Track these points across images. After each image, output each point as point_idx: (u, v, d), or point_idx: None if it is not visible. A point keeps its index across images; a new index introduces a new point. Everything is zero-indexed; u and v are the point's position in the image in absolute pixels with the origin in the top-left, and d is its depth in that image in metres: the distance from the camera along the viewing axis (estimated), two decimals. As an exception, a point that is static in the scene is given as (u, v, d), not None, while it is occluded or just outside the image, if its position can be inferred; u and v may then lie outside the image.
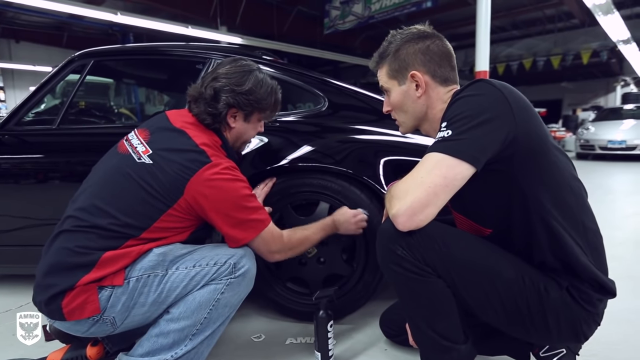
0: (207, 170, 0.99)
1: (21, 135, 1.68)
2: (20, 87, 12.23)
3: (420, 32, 0.98)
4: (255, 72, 1.14)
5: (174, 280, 0.96)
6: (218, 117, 1.10)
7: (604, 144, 7.89)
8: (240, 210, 1.02)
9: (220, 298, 0.97)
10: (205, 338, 0.99)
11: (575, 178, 0.92)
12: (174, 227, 1.02)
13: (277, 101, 1.19)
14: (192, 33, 7.85)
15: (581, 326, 0.88)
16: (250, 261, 1.02)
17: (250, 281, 1.03)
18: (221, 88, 1.09)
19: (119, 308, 0.94)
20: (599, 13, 7.44)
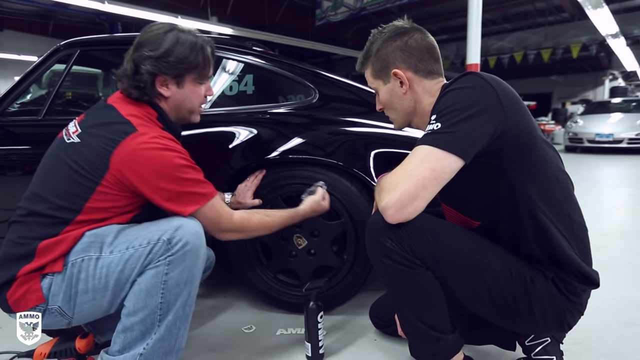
0: (132, 140, 0.93)
1: (5, 126, 1.65)
2: (5, 76, 11.94)
3: (398, 28, 0.98)
4: (172, 32, 1.04)
5: (109, 265, 0.91)
6: (144, 89, 1.02)
7: (591, 137, 8.00)
8: (173, 181, 0.95)
9: (166, 280, 0.91)
10: (173, 320, 0.94)
11: (562, 171, 0.93)
12: (110, 207, 0.96)
13: (205, 57, 1.07)
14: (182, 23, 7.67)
15: (565, 316, 0.90)
16: (187, 232, 0.93)
17: (195, 254, 0.94)
18: (139, 58, 1.01)
19: (62, 296, 0.92)
20: (588, 7, 7.49)
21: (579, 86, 18.02)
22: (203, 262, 0.98)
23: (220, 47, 1.61)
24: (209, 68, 1.11)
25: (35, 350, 1.06)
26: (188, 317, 0.97)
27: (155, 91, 1.04)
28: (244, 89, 1.60)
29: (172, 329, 0.94)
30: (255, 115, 1.50)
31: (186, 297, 0.95)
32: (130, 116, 0.98)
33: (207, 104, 1.62)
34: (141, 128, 0.96)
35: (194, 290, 0.97)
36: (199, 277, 0.97)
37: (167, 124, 1.07)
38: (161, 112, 1.07)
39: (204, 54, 1.07)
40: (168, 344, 0.94)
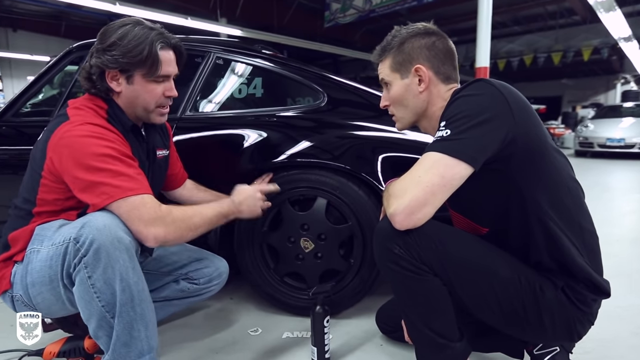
0: (61, 128, 0.94)
1: (19, 126, 1.67)
2: (18, 76, 12.13)
3: (426, 28, 0.99)
4: (126, 26, 1.00)
5: (42, 259, 0.92)
6: (94, 81, 1.01)
7: (602, 142, 7.89)
8: (87, 169, 0.89)
9: (93, 283, 0.86)
10: (128, 322, 0.88)
11: (572, 179, 0.92)
12: (55, 199, 0.98)
13: (152, 54, 1.00)
14: (192, 24, 7.79)
15: (575, 326, 0.89)
16: (93, 229, 0.85)
17: (107, 251, 0.85)
18: (92, 50, 1.01)
19: (20, 285, 0.96)
20: (600, 10, 7.40)
21: (589, 90, 17.81)
22: (130, 255, 0.88)
23: (230, 50, 1.63)
24: (158, 66, 1.02)
25: (45, 349, 1.08)
26: (144, 316, 0.90)
27: (106, 85, 1.02)
28: (253, 92, 1.61)
29: (132, 332, 0.89)
30: (264, 118, 1.51)
31: (128, 296, 0.87)
32: (72, 109, 0.99)
33: (216, 106, 1.63)
34: (73, 117, 0.96)
35: (135, 287, 0.88)
36: (132, 272, 0.88)
37: (116, 117, 1.03)
38: (113, 105, 1.04)
39: (150, 50, 0.99)
40: (135, 348, 0.90)
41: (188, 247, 1.36)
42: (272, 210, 1.43)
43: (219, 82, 1.64)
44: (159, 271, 1.26)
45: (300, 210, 1.43)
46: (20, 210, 1.01)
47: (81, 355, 1.07)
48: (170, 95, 1.08)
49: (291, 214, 1.42)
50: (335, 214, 1.43)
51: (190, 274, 1.29)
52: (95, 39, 1.04)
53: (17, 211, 1.02)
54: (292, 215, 1.42)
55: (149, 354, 0.92)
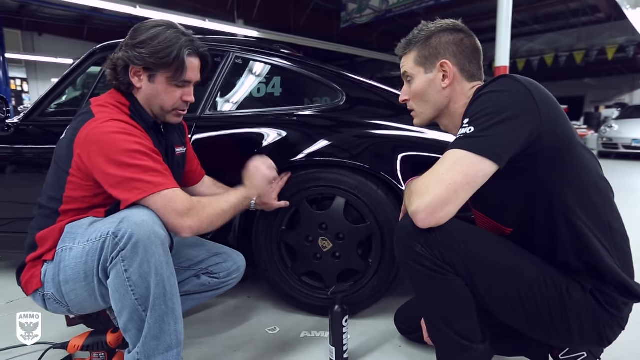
0: (88, 125, 0.96)
1: (45, 126, 1.72)
2: (43, 78, 12.53)
3: (455, 25, 0.97)
4: (158, 27, 1.02)
5: (77, 256, 0.93)
6: (118, 74, 1.03)
7: (627, 143, 7.64)
8: (118, 165, 0.91)
9: (129, 276, 0.88)
10: (159, 315, 0.90)
11: (602, 177, 0.89)
12: (83, 196, 0.99)
13: (178, 60, 1.02)
14: (209, 26, 7.89)
15: (605, 330, 0.85)
16: (131, 224, 0.87)
17: (145, 245, 0.87)
18: (122, 44, 1.04)
19: (52, 283, 0.97)
20: (627, 6, 7.18)
21: (613, 89, 17.28)
22: (165, 250, 0.90)
23: (249, 49, 1.64)
24: (183, 71, 1.05)
25: (70, 342, 1.10)
26: (174, 311, 0.93)
27: (128, 79, 1.04)
28: (272, 91, 1.61)
29: (162, 325, 0.91)
30: (283, 117, 1.51)
31: (161, 290, 0.89)
32: (96, 106, 1.01)
33: (235, 106, 1.64)
34: (99, 114, 0.98)
35: (168, 282, 0.90)
36: (166, 267, 0.90)
37: (138, 113, 1.06)
38: (134, 101, 1.07)
39: (177, 56, 1.02)
40: (164, 341, 0.92)
41: (206, 242, 1.38)
42: (290, 209, 1.43)
43: (238, 82, 1.65)
44: (180, 266, 1.27)
45: (319, 209, 1.43)
46: (46, 209, 1.03)
47: (104, 349, 1.09)
48: (187, 100, 1.10)
49: (309, 213, 1.42)
50: (353, 213, 1.42)
51: (210, 268, 1.31)
52: (117, 40, 1.08)
53: (43, 210, 1.03)
54: (311, 214, 1.42)
55: (177, 348, 0.94)
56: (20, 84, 12.19)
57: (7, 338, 1.28)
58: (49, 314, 1.05)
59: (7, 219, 1.71)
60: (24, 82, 12.37)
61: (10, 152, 1.70)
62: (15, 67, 11.68)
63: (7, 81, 8.66)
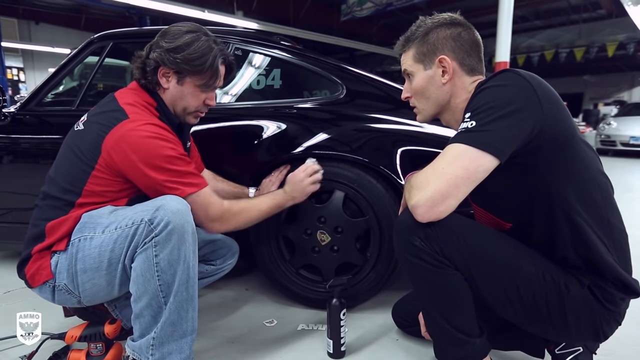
0: (122, 126, 0.97)
1: (41, 115, 1.70)
2: (40, 68, 12.42)
3: (452, 18, 0.96)
4: (193, 34, 1.06)
5: (101, 245, 0.94)
6: (146, 73, 1.07)
7: (626, 140, 7.66)
8: (157, 170, 0.96)
9: (158, 261, 0.90)
10: (179, 302, 0.93)
11: (602, 174, 0.89)
12: (106, 191, 1.01)
13: (213, 68, 1.07)
14: (209, 17, 7.82)
15: (602, 325, 0.86)
16: (168, 212, 0.90)
17: (180, 233, 0.91)
18: (154, 44, 1.07)
19: (65, 274, 0.97)
20: (628, 3, 7.15)
21: (613, 86, 17.29)
22: (194, 239, 0.95)
23: (249, 40, 1.62)
24: (215, 79, 1.11)
25: (67, 333, 1.10)
26: (193, 298, 0.96)
27: (156, 79, 1.07)
28: (271, 83, 1.60)
29: (180, 312, 0.94)
30: (282, 110, 1.50)
31: (185, 277, 0.93)
32: (126, 104, 1.02)
33: (233, 98, 1.63)
34: (133, 115, 0.99)
35: (192, 270, 0.95)
36: (192, 255, 0.95)
37: (165, 114, 1.09)
38: (160, 101, 1.09)
39: (212, 64, 1.07)
40: (180, 328, 0.94)
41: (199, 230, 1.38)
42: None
43: (238, 73, 1.64)
44: None
45: (318, 202, 1.42)
46: (58, 200, 1.01)
47: (101, 340, 1.09)
48: (209, 104, 1.15)
49: (308, 206, 1.41)
50: (352, 207, 1.41)
51: (207, 255, 1.32)
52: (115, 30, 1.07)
53: (53, 201, 1.01)
54: (309, 207, 1.41)
55: (191, 336, 0.96)
56: (16, 73, 12.08)
57: (5, 328, 1.27)
58: (46, 305, 1.05)
59: (4, 209, 1.71)
60: (20, 71, 12.26)
61: (6, 141, 1.69)
62: (11, 56, 11.56)
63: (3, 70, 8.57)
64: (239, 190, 1.38)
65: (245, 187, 1.39)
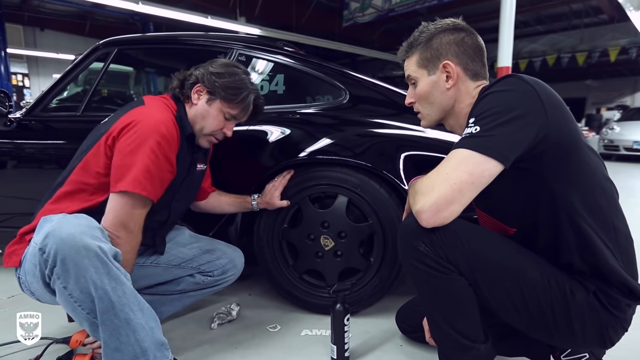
0: (137, 109, 1.06)
1: (47, 121, 1.72)
2: (44, 74, 12.51)
3: (455, 24, 0.96)
4: (240, 70, 1.18)
5: (30, 253, 0.94)
6: (184, 86, 1.16)
7: (629, 145, 7.64)
8: (130, 153, 0.99)
9: (70, 293, 0.85)
10: (115, 329, 0.86)
11: (607, 179, 0.89)
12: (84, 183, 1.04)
13: (244, 101, 1.17)
14: (211, 23, 7.88)
15: (608, 331, 0.85)
16: (56, 239, 0.84)
17: (77, 261, 0.82)
18: (202, 65, 1.18)
19: (23, 269, 0.97)
20: (630, 8, 7.17)
21: (615, 91, 17.25)
22: (101, 261, 0.84)
23: (252, 46, 1.63)
24: (242, 112, 1.19)
25: (72, 338, 1.10)
26: (129, 321, 0.87)
27: (189, 93, 1.17)
28: (275, 89, 1.61)
29: (120, 338, 0.86)
30: (285, 115, 1.51)
31: (107, 305, 0.84)
32: (148, 98, 1.12)
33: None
34: (149, 105, 1.09)
35: (114, 293, 0.85)
36: (107, 279, 0.85)
37: (182, 120, 1.14)
38: (182, 110, 1.16)
39: (245, 98, 1.17)
40: (127, 352, 0.87)
41: (201, 238, 1.38)
42: (292, 207, 1.43)
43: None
44: (171, 264, 1.27)
45: (321, 207, 1.42)
46: (60, 177, 1.08)
47: None
48: (226, 133, 1.21)
49: (311, 211, 1.42)
50: (355, 212, 1.42)
51: (202, 266, 1.31)
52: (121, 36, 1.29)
53: (59, 179, 1.09)
54: (313, 212, 1.41)
55: (143, 357, 0.89)
56: (21, 79, 12.18)
57: (9, 332, 1.28)
58: (50, 308, 1.05)
59: (9, 214, 1.71)
60: (25, 77, 12.35)
61: (13, 147, 1.70)
62: (16, 62, 11.66)
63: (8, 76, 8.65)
64: (241, 200, 1.40)
65: (248, 196, 1.39)
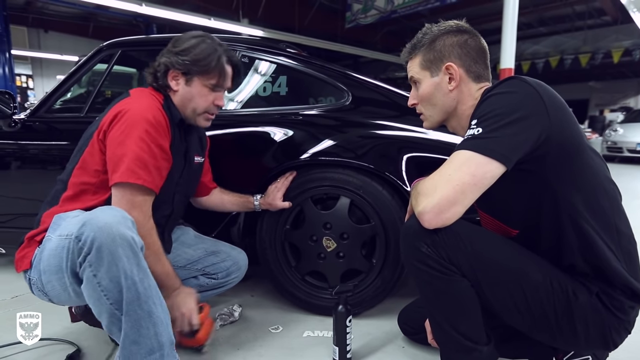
0: (123, 101, 1.06)
1: (51, 122, 1.73)
2: (48, 75, 12.58)
3: (458, 26, 0.97)
4: (198, 38, 1.13)
5: (51, 249, 0.94)
6: (157, 76, 1.13)
7: (632, 147, 7.61)
8: (119, 144, 0.99)
9: (99, 281, 0.85)
10: (136, 320, 0.87)
11: (609, 180, 0.89)
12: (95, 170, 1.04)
13: (219, 67, 1.11)
14: (214, 25, 7.91)
15: (611, 333, 0.85)
16: (94, 228, 0.84)
17: (112, 250, 0.83)
18: (164, 51, 1.15)
19: (36, 269, 0.98)
20: (633, 10, 7.15)
21: (619, 93, 17.19)
22: (133, 252, 0.86)
23: (255, 48, 1.64)
24: (222, 79, 1.14)
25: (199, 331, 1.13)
26: (152, 314, 0.88)
27: (166, 82, 1.13)
28: (278, 90, 1.61)
29: (140, 330, 0.88)
30: (288, 117, 1.51)
31: (133, 295, 0.86)
32: (133, 90, 1.12)
33: (240, 105, 1.64)
34: (135, 96, 1.09)
35: (141, 285, 0.87)
36: (137, 269, 0.87)
37: (169, 108, 1.13)
38: (168, 99, 1.15)
39: (218, 63, 1.11)
40: (145, 345, 0.88)
41: (206, 239, 1.38)
42: (294, 208, 1.43)
43: (244, 80, 1.65)
44: (176, 265, 1.26)
45: (323, 209, 1.43)
46: (60, 183, 1.08)
47: None
48: (218, 104, 1.18)
49: (314, 213, 1.42)
50: (358, 213, 1.42)
51: (207, 269, 1.31)
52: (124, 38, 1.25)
53: (59, 185, 1.09)
54: (315, 213, 1.42)
55: (159, 352, 0.90)
56: (25, 81, 12.25)
57: (13, 333, 1.28)
58: (53, 309, 1.05)
59: (13, 214, 1.72)
60: (29, 78, 12.42)
61: (17, 147, 1.71)
62: (20, 63, 11.73)
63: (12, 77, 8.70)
64: (244, 200, 1.40)
65: (250, 196, 1.39)
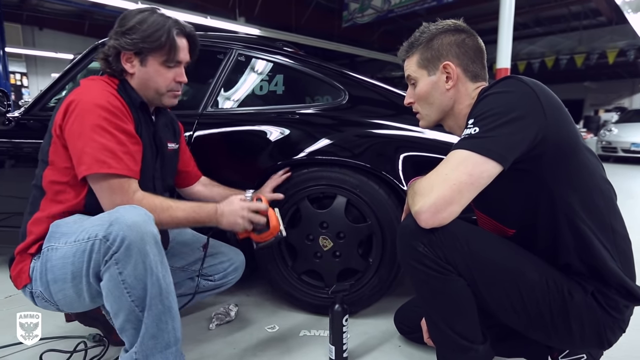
0: (73, 92, 0.99)
1: (45, 120, 1.71)
2: (43, 73, 12.49)
3: (456, 25, 0.97)
4: (143, 13, 1.05)
5: (64, 256, 0.92)
6: (109, 62, 1.05)
7: (627, 147, 7.67)
8: (79, 135, 0.93)
9: (124, 278, 0.85)
10: (157, 315, 0.88)
11: (605, 180, 0.89)
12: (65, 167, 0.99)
13: (169, 40, 1.05)
14: (211, 23, 7.88)
15: (605, 332, 0.86)
16: (123, 226, 0.85)
17: (139, 248, 0.85)
18: (111, 33, 1.06)
19: (39, 282, 0.95)
20: (628, 10, 7.20)
21: (613, 93, 17.33)
22: (158, 249, 0.88)
23: (252, 46, 1.63)
24: (176, 52, 1.07)
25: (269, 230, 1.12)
26: (171, 309, 0.91)
27: (120, 66, 1.06)
28: (274, 89, 1.61)
29: (159, 324, 0.89)
30: (285, 116, 1.51)
31: (157, 290, 0.87)
32: (84, 80, 1.04)
33: (236, 103, 1.64)
34: (83, 83, 1.02)
35: (163, 280, 0.89)
36: (160, 266, 0.88)
37: (125, 91, 1.06)
38: (124, 82, 1.08)
39: (168, 36, 1.05)
40: (162, 340, 0.90)
41: (202, 239, 1.37)
42: (291, 207, 1.42)
43: (241, 79, 1.65)
44: (173, 267, 1.26)
45: (320, 208, 1.42)
46: (35, 189, 1.03)
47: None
48: (180, 80, 1.11)
49: (310, 212, 1.41)
50: (354, 212, 1.42)
51: (204, 270, 1.30)
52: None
53: (34, 191, 1.04)
54: (311, 213, 1.41)
55: (175, 346, 0.92)
56: (20, 79, 12.16)
57: (6, 333, 1.27)
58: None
59: (7, 213, 1.71)
60: (23, 76, 12.33)
61: (11, 146, 1.70)
62: (15, 61, 11.64)
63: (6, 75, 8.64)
64: (235, 193, 1.38)
65: (242, 190, 1.38)
